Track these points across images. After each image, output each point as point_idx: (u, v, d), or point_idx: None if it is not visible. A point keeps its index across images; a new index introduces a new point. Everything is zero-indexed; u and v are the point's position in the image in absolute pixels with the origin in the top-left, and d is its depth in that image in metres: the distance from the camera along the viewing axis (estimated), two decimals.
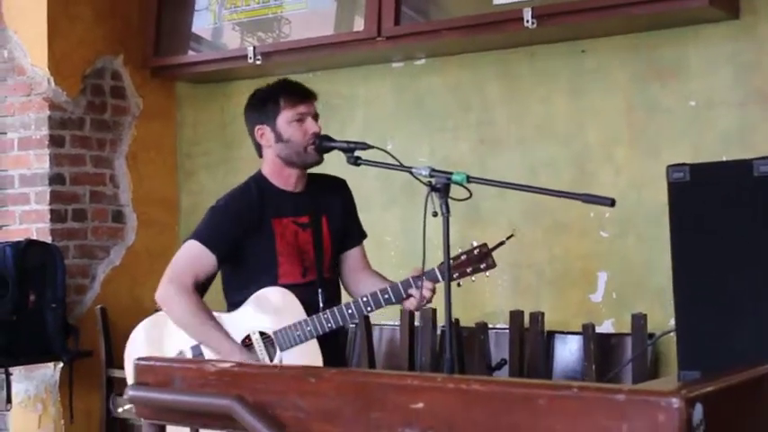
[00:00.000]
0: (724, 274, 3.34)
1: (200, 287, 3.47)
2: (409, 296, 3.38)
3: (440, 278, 3.32)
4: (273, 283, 3.41)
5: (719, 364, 2.32)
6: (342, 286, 3.66)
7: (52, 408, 5.20)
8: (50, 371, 5.19)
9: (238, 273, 3.46)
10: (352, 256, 3.64)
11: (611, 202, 3.08)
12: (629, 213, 4.25)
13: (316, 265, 3.48)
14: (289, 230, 3.44)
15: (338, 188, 3.64)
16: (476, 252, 3.39)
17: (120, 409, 4.87)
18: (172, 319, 3.42)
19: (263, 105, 3.47)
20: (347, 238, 3.62)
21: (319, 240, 3.49)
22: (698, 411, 1.79)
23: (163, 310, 3.45)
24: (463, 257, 3.37)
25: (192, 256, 3.40)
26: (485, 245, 3.41)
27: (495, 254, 3.42)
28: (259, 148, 3.51)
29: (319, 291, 3.45)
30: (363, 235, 3.69)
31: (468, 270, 3.37)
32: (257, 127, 3.46)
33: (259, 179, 3.50)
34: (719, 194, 3.37)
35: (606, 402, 1.83)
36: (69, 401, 5.12)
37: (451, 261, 3.16)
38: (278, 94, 3.45)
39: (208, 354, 3.42)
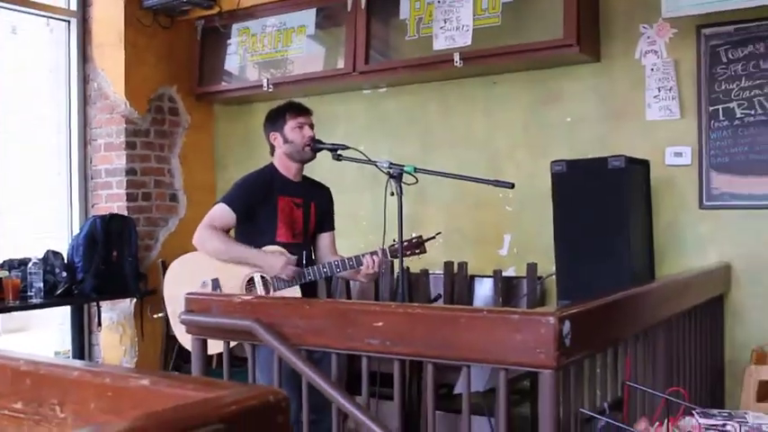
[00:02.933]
0: (588, 234, 3.39)
1: None
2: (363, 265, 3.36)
3: (388, 256, 3.33)
4: (272, 239, 3.37)
5: (584, 296, 2.36)
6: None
7: (129, 330, 5.18)
8: (127, 304, 5.16)
9: (249, 229, 3.40)
10: (325, 238, 3.59)
11: (512, 186, 3.12)
12: (526, 195, 4.27)
13: (302, 232, 3.47)
14: (288, 206, 3.42)
15: (325, 189, 3.63)
16: (414, 241, 3.37)
17: (155, 316, 4.79)
18: (208, 252, 3.35)
19: (275, 118, 3.47)
20: (325, 223, 3.58)
21: (307, 216, 3.48)
22: (566, 326, 1.83)
23: (199, 249, 3.39)
24: (405, 243, 3.31)
25: (220, 213, 3.37)
26: (420, 236, 3.39)
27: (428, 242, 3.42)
28: (272, 147, 3.47)
29: (303, 250, 3.44)
30: (334, 227, 3.64)
31: (407, 252, 3.34)
32: (271, 133, 3.45)
33: (271, 168, 3.48)
34: (585, 181, 3.42)
35: (506, 321, 1.87)
36: (140, 326, 5.12)
37: (398, 243, 3.14)
38: (285, 110, 3.45)
39: (224, 283, 3.36)
